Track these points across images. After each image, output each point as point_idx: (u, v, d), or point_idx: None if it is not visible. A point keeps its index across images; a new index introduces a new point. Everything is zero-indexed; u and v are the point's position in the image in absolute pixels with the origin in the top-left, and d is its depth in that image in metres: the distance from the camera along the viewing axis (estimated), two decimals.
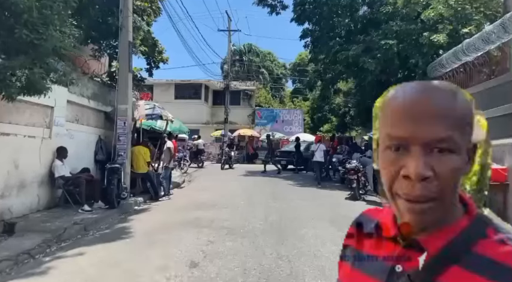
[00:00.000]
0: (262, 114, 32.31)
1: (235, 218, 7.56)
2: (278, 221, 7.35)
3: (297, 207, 8.91)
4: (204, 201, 9.64)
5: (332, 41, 15.25)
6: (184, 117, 31.34)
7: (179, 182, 13.78)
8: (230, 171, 18.00)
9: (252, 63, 45.11)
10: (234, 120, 31.39)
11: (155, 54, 17.53)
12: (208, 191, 11.68)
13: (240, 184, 13.23)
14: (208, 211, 8.29)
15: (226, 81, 29.67)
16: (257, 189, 11.95)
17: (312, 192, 11.70)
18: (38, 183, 7.70)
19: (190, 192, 11.73)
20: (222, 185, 13.18)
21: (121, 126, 9.69)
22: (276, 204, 9.36)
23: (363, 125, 23.39)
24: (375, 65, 12.98)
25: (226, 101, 28.97)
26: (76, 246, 5.74)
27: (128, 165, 9.69)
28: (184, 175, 16.85)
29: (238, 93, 33.11)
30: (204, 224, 7.02)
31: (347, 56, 13.74)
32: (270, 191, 11.48)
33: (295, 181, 14.62)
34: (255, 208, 8.71)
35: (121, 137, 9.68)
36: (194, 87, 32.29)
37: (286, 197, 10.53)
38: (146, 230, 6.67)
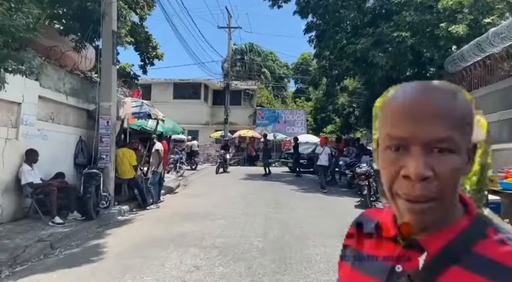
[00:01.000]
0: (263, 115, 31.20)
1: (230, 233, 6.45)
2: (280, 238, 6.24)
3: (302, 218, 7.81)
4: (196, 210, 8.56)
5: (338, 34, 14.14)
6: (183, 117, 30.34)
7: (173, 187, 12.71)
8: (228, 175, 16.91)
9: (254, 63, 44.13)
10: (234, 120, 30.33)
11: (149, 50, 16.53)
12: (203, 197, 10.60)
13: (239, 189, 12.15)
14: (199, 223, 7.20)
15: (227, 80, 28.59)
16: (257, 195, 10.85)
17: (318, 199, 10.59)
18: (1, 191, 6.63)
19: (182, 198, 10.64)
20: (219, 190, 12.10)
21: (103, 125, 8.63)
22: (277, 214, 8.26)
23: (368, 126, 22.26)
24: (386, 59, 11.87)
25: (226, 101, 27.91)
26: (31, 272, 4.66)
27: (112, 169, 8.63)
28: (179, 179, 15.79)
29: (239, 93, 32.05)
30: (191, 241, 5.92)
31: (354, 50, 12.62)
32: (271, 198, 10.38)
33: (298, 185, 13.52)
34: (254, 219, 7.62)
35: (103, 138, 8.62)
36: (193, 86, 31.24)
37: (289, 205, 9.43)
38: (121, 249, 5.58)
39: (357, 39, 13.16)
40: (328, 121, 34.64)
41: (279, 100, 45.29)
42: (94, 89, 9.15)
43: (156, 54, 16.54)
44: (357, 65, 13.66)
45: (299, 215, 8.16)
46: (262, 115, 31.17)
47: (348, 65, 13.93)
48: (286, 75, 51.85)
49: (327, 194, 11.66)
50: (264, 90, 40.34)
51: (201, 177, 16.32)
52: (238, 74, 38.93)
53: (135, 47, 16.67)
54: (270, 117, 31.04)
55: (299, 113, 31.61)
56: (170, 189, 12.27)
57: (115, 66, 8.73)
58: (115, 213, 8.08)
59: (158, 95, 31.24)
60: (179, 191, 12.62)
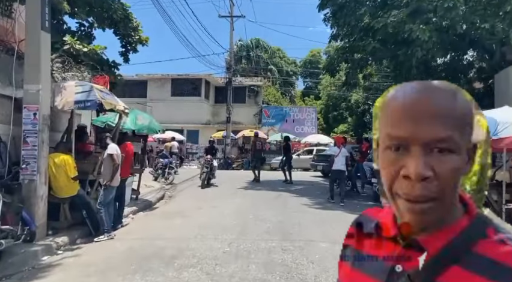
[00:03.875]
0: (270, 113, 28.35)
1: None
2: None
3: (326, 262, 4.92)
4: (165, 244, 5.74)
5: (361, 8, 11.24)
6: (182, 116, 27.63)
7: (153, 201, 9.93)
8: (224, 183, 14.09)
9: (260, 60, 41.43)
10: (238, 120, 27.56)
11: (129, 32, 13.79)
12: (184, 217, 7.80)
13: (235, 204, 9.33)
14: (156, 277, 4.38)
15: (229, 75, 25.78)
16: (256, 215, 8.00)
17: (341, 221, 7.68)
18: None
19: (156, 220, 7.82)
20: (210, 205, 9.27)
21: (29, 119, 5.87)
22: (285, 253, 5.37)
23: None
24: (429, 33, 8.94)
25: (228, 98, 25.10)
26: None
27: (43, 183, 5.86)
28: (167, 188, 13.03)
29: (243, 90, 29.28)
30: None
31: (385, 25, 9.71)
32: (276, 221, 7.50)
33: (312, 198, 10.65)
34: (247, 266, 4.77)
35: (28, 138, 5.85)
36: (193, 82, 28.57)
37: (303, 233, 6.56)
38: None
39: (386, 13, 10.26)
40: (341, 120, 31.54)
41: (287, 99, 42.42)
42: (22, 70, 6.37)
43: (140, 38, 13.82)
44: (386, 46, 10.72)
45: (321, 255, 5.26)
46: (268, 113, 28.34)
47: (375, 45, 11.00)
48: (295, 73, 49.07)
49: (350, 210, 8.77)
50: (270, 88, 37.57)
51: (193, 184, 13.49)
52: (243, 71, 36.22)
53: (114, 29, 14.02)
54: (277, 116, 28.17)
55: (309, 110, 28.64)
56: (147, 204, 9.48)
57: (47, 32, 5.95)
58: (38, 253, 5.29)
59: (154, 92, 28.64)
60: (160, 205, 9.81)
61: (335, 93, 28.32)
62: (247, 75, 33.34)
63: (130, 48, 13.86)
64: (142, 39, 13.75)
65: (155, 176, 15.00)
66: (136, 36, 13.60)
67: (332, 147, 14.74)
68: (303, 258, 5.14)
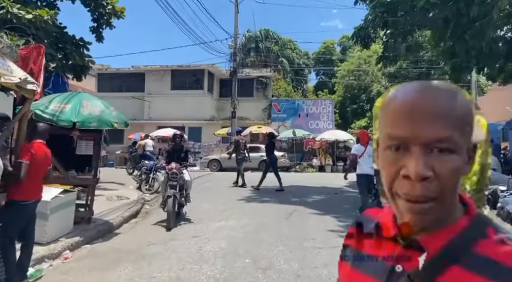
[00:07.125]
0: (280, 107, 25.30)
1: None
2: None
3: None
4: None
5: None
6: (183, 112, 24.69)
7: (114, 224, 7.03)
8: (221, 189, 11.11)
9: (270, 52, 38.35)
10: (245, 115, 24.62)
11: (100, 1, 10.92)
12: (134, 264, 4.85)
13: (222, 232, 6.36)
14: None
15: (234, 64, 22.78)
16: (255, 258, 5.00)
17: None
18: None
19: (88, 273, 4.86)
20: (182, 237, 6.32)
21: None
22: None
23: None
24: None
25: (233, 90, 22.13)
26: None
27: None
28: (150, 198, 10.16)
29: (251, 82, 26.32)
30: None
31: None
32: (289, 271, 4.49)
33: (337, 214, 7.65)
34: None
35: None
36: (195, 74, 25.72)
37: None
38: None
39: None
40: (361, 113, 28.21)
41: (299, 93, 39.27)
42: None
43: (113, 8, 10.95)
44: (446, 3, 7.53)
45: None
46: (279, 107, 25.31)
47: (424, 4, 7.84)
48: (307, 66, 45.92)
49: None
50: (281, 82, 34.47)
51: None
52: (252, 65, 33.19)
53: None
54: (289, 110, 25.10)
55: (325, 103, 25.42)
56: (102, 230, 6.55)
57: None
58: None
59: (152, 85, 25.86)
60: (123, 231, 6.91)
61: (353, 84, 25.01)
62: (255, 67, 30.37)
63: (103, 22, 11.02)
64: (117, 9, 10.88)
65: (138, 181, 12.18)
66: (108, 6, 10.75)
67: (354, 145, 11.73)
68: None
